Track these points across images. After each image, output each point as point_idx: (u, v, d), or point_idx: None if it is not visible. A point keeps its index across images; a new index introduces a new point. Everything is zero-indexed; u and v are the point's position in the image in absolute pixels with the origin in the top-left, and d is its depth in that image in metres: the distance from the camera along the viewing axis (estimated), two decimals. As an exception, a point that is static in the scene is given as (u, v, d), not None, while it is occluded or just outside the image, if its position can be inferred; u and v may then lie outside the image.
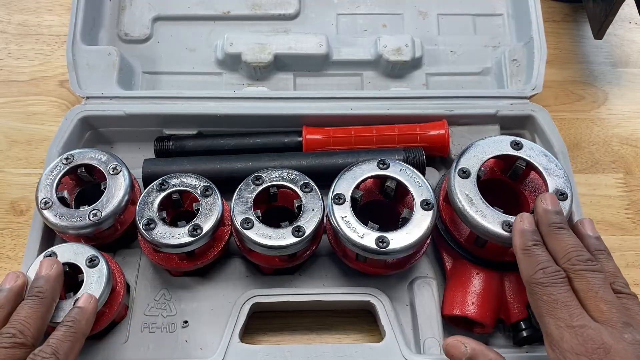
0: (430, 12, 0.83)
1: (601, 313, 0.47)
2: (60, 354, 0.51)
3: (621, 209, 0.76)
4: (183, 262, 0.61)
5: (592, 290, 0.49)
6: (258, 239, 0.58)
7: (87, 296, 0.56)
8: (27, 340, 0.51)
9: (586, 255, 0.52)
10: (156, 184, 0.62)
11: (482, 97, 0.74)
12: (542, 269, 0.51)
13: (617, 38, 0.90)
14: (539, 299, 0.50)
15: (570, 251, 0.52)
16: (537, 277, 0.51)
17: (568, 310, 0.48)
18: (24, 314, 0.53)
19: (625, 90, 0.86)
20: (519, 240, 0.54)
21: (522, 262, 0.53)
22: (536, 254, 0.52)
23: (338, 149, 0.71)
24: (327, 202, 0.60)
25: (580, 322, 0.47)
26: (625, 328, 0.46)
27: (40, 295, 0.54)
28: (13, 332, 0.51)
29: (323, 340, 0.65)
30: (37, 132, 0.80)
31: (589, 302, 0.48)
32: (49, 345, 0.51)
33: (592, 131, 0.82)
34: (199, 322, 0.62)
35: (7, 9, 0.89)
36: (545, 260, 0.52)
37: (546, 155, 0.61)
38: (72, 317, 0.54)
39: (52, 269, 0.56)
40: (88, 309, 0.55)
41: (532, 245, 0.53)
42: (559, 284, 0.49)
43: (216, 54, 0.80)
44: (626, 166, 0.79)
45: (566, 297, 0.49)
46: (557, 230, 0.54)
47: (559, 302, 0.48)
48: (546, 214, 0.55)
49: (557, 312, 0.48)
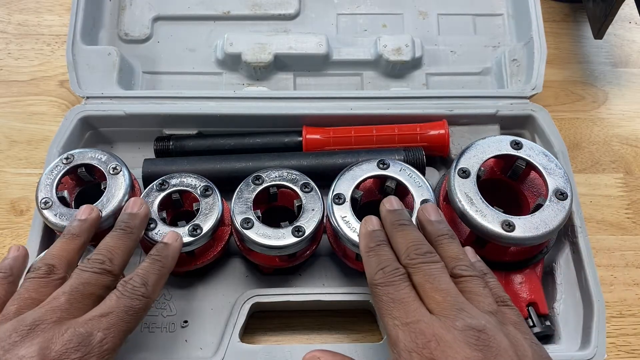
0: (430, 12, 0.83)
1: (436, 304, 0.46)
2: (149, 285, 0.51)
3: (621, 209, 0.76)
4: (183, 262, 0.61)
5: (427, 281, 0.48)
6: (258, 238, 0.58)
7: (173, 234, 0.57)
8: (114, 269, 0.52)
9: (425, 247, 0.51)
10: (156, 184, 0.62)
11: (482, 97, 0.74)
12: (381, 268, 0.50)
13: (617, 38, 0.90)
14: (380, 300, 0.49)
15: (410, 245, 0.51)
16: (377, 278, 0.50)
17: (404, 307, 0.46)
18: (112, 244, 0.53)
19: (625, 90, 0.86)
20: (364, 242, 0.54)
21: (365, 265, 0.52)
22: (378, 254, 0.52)
23: (338, 149, 0.71)
24: (327, 202, 0.60)
25: (414, 318, 0.45)
26: (458, 314, 0.45)
27: (129, 230, 0.55)
28: (102, 259, 0.51)
29: (323, 340, 0.65)
30: (37, 132, 0.80)
31: (426, 295, 0.47)
32: (139, 275, 0.52)
33: (592, 131, 0.82)
34: (199, 322, 0.62)
35: (7, 8, 0.89)
36: (386, 259, 0.51)
37: (546, 155, 0.61)
38: (159, 251, 0.55)
39: (141, 209, 0.57)
40: (174, 245, 0.56)
41: (374, 245, 0.53)
42: (397, 282, 0.48)
43: (216, 54, 0.80)
44: (626, 166, 0.79)
45: (404, 294, 0.47)
46: (400, 227, 0.53)
47: (396, 300, 0.47)
48: (390, 214, 0.55)
49: (394, 311, 0.47)
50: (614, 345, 0.67)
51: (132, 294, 0.50)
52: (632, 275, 0.71)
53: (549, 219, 0.57)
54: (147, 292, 0.51)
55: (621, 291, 0.70)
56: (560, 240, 0.66)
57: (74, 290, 0.49)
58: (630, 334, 0.68)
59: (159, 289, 0.53)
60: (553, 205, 0.58)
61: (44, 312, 0.47)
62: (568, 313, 0.63)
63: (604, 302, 0.61)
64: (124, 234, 0.55)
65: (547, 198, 0.59)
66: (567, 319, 0.62)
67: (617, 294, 0.70)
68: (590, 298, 0.61)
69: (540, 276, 0.63)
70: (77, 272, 0.51)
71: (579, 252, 0.64)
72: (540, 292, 0.62)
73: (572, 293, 0.64)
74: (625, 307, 0.69)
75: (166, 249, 0.55)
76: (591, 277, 0.62)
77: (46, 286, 0.50)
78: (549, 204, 0.58)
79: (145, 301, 0.51)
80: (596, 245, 0.73)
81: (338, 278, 0.65)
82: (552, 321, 0.62)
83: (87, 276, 0.50)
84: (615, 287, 0.70)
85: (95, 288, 0.50)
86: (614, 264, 0.72)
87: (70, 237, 0.54)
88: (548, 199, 0.59)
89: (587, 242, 0.64)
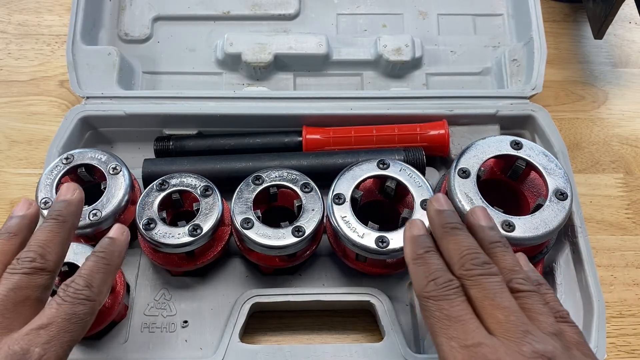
0: (430, 12, 0.83)
1: (499, 324, 0.42)
2: (94, 286, 0.46)
3: (621, 209, 0.76)
4: (183, 262, 0.61)
5: (487, 297, 0.43)
6: (258, 239, 0.58)
7: (118, 226, 0.51)
8: (48, 265, 0.46)
9: (482, 257, 0.46)
10: (156, 184, 0.62)
11: (482, 97, 0.74)
12: (433, 279, 0.45)
13: (617, 38, 0.90)
14: (432, 316, 0.44)
15: (465, 254, 0.46)
16: (429, 290, 0.45)
17: (462, 327, 0.42)
18: (43, 237, 0.47)
19: (625, 90, 0.86)
20: (409, 248, 0.49)
21: (413, 274, 0.47)
22: (427, 262, 0.47)
23: (338, 149, 0.71)
24: (327, 202, 0.60)
25: (475, 340, 0.41)
26: (524, 338, 0.41)
27: (61, 219, 0.49)
28: (32, 257, 0.45)
29: (323, 340, 0.65)
30: (37, 132, 0.80)
31: (486, 312, 0.43)
32: (81, 276, 0.46)
33: (592, 131, 0.82)
34: (199, 322, 0.62)
35: (7, 9, 0.89)
36: (438, 269, 0.46)
37: (546, 155, 0.61)
38: (104, 247, 0.49)
39: (74, 194, 0.51)
40: (120, 239, 0.50)
41: (423, 252, 0.48)
42: (452, 295, 0.44)
43: (216, 54, 0.80)
44: (626, 166, 0.79)
45: (460, 310, 0.43)
46: (452, 231, 0.48)
47: (451, 317, 0.43)
48: (439, 215, 0.50)
49: (450, 330, 0.42)
50: (614, 346, 0.67)
51: (74, 299, 0.44)
52: (632, 275, 0.71)
53: (549, 219, 0.57)
54: (92, 295, 0.45)
55: (621, 291, 0.70)
56: (560, 240, 0.66)
57: (3, 298, 0.43)
58: (630, 334, 0.68)
59: (107, 289, 0.48)
60: (553, 205, 0.58)
61: None
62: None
63: (604, 302, 0.61)
64: (56, 224, 0.48)
65: (547, 198, 0.59)
66: (567, 319, 0.62)
67: (617, 294, 0.70)
68: (590, 298, 0.61)
69: (540, 276, 0.63)
70: (6, 277, 0.44)
71: (579, 252, 0.64)
72: (540, 292, 0.62)
73: (572, 293, 0.64)
74: (625, 307, 0.69)
75: (112, 244, 0.50)
76: (591, 277, 0.62)
77: None
78: (549, 204, 0.58)
79: (91, 305, 0.45)
80: (596, 245, 0.73)
81: (338, 278, 0.65)
82: (552, 321, 0.62)
83: (17, 279, 0.44)
84: (615, 287, 0.70)
85: (29, 291, 0.44)
86: (614, 264, 0.72)
87: (7, 238, 0.48)
88: (548, 199, 0.59)
89: (587, 242, 0.64)
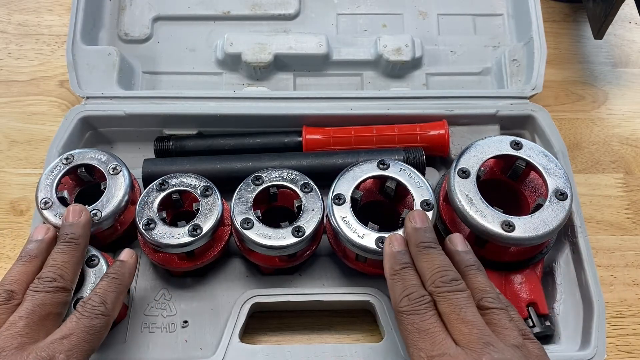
0: (430, 12, 0.83)
1: (463, 336, 0.46)
2: (108, 303, 0.52)
3: (621, 209, 0.76)
4: (183, 262, 0.61)
5: (454, 312, 0.47)
6: (258, 239, 0.58)
7: (128, 251, 0.57)
8: (67, 285, 0.52)
9: (451, 274, 0.50)
10: (156, 184, 0.62)
11: (482, 97, 0.74)
12: (407, 295, 0.49)
13: (617, 38, 0.90)
14: (405, 329, 0.48)
15: (435, 272, 0.50)
16: (402, 305, 0.49)
17: (431, 338, 0.46)
18: (60, 259, 0.53)
19: (625, 90, 0.86)
20: (388, 264, 0.53)
21: (390, 288, 0.52)
22: (403, 278, 0.51)
23: (338, 149, 0.71)
24: (327, 203, 0.60)
25: (440, 351, 0.45)
26: (484, 349, 0.45)
27: (74, 242, 0.55)
28: (53, 277, 0.52)
29: (323, 340, 0.65)
30: (37, 132, 0.80)
31: (452, 325, 0.47)
32: (97, 294, 0.52)
33: (592, 131, 0.82)
34: (199, 322, 0.62)
35: (7, 9, 0.89)
36: (412, 285, 0.50)
37: (546, 155, 0.61)
38: (116, 269, 0.55)
39: (82, 216, 0.57)
40: (130, 262, 0.56)
41: (400, 269, 0.52)
42: (422, 310, 0.48)
43: (216, 54, 0.80)
44: (626, 166, 0.79)
45: (430, 324, 0.47)
46: (425, 250, 0.53)
47: (421, 330, 0.47)
48: (415, 233, 0.54)
49: (419, 342, 0.47)
50: (614, 346, 0.67)
51: (91, 314, 0.51)
52: (632, 275, 0.71)
53: (548, 219, 0.57)
54: (106, 311, 0.52)
55: (621, 291, 0.70)
56: (560, 240, 0.66)
57: (30, 313, 0.50)
58: (630, 334, 0.68)
59: (118, 306, 0.54)
60: (553, 205, 0.58)
61: (4, 339, 0.47)
62: (568, 313, 0.63)
63: (604, 302, 0.61)
64: (70, 246, 0.55)
65: (547, 198, 0.59)
66: (567, 319, 0.62)
67: (617, 294, 0.70)
68: (590, 298, 0.61)
69: (540, 276, 0.63)
70: (31, 294, 0.51)
71: (579, 252, 0.64)
72: (540, 292, 0.62)
73: (572, 293, 0.64)
74: (625, 307, 0.69)
75: (123, 266, 0.56)
76: (591, 277, 0.62)
77: (5, 313, 0.50)
78: (549, 204, 0.58)
79: (106, 319, 0.51)
80: (596, 245, 0.73)
81: (338, 278, 0.65)
82: (552, 321, 0.62)
83: (42, 297, 0.51)
84: (615, 287, 0.70)
85: (52, 307, 0.51)
86: (613, 264, 0.72)
87: (28, 260, 0.54)
88: (548, 199, 0.59)
89: (587, 242, 0.64)
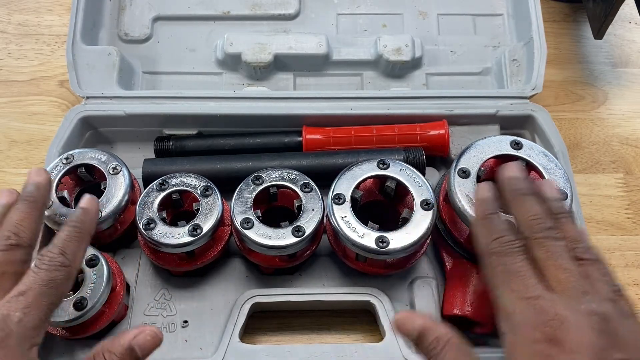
0: (431, 12, 0.83)
1: (559, 282, 0.45)
2: (68, 253, 0.49)
3: (621, 209, 0.76)
4: (183, 262, 0.61)
5: (551, 258, 0.46)
6: (258, 238, 0.58)
7: (89, 197, 0.54)
8: (23, 242, 0.50)
9: (549, 223, 0.49)
10: (156, 184, 0.62)
11: (482, 97, 0.74)
12: (497, 237, 0.48)
13: (617, 38, 0.90)
14: (494, 270, 0.48)
15: (533, 218, 0.49)
16: (493, 246, 0.48)
17: (523, 281, 0.45)
18: (16, 217, 0.51)
19: (625, 90, 0.86)
20: (479, 208, 0.52)
21: (479, 231, 0.51)
22: (494, 222, 0.50)
23: (338, 149, 0.71)
24: (327, 202, 0.60)
25: (535, 293, 0.44)
26: (583, 297, 0.43)
27: (31, 199, 0.53)
28: (7, 235, 0.50)
29: (323, 340, 0.65)
30: (37, 132, 0.80)
31: (548, 272, 0.46)
32: (55, 245, 0.50)
33: (592, 131, 0.82)
34: (199, 322, 0.62)
35: (7, 8, 0.89)
36: (503, 229, 0.49)
37: (546, 155, 0.61)
38: (76, 217, 0.53)
39: (42, 177, 0.55)
40: (91, 209, 0.54)
41: (490, 213, 0.51)
42: (515, 253, 0.47)
43: (216, 54, 0.80)
44: (626, 166, 0.79)
45: (521, 267, 0.46)
46: (522, 197, 0.51)
47: (513, 272, 0.46)
48: (510, 181, 0.53)
49: (511, 283, 0.46)
50: (614, 345, 0.67)
51: (49, 266, 0.48)
52: (632, 275, 0.71)
53: (549, 219, 0.57)
54: (66, 261, 0.49)
55: (621, 291, 0.70)
56: (560, 240, 0.66)
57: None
58: (630, 334, 0.67)
59: (81, 255, 0.51)
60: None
61: None
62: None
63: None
64: (28, 205, 0.53)
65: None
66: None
67: (617, 294, 0.70)
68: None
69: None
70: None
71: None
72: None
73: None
74: (625, 307, 0.69)
75: (84, 213, 0.53)
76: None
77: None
78: (549, 204, 0.58)
79: (66, 270, 0.49)
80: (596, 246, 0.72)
81: (338, 278, 0.65)
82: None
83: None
84: (615, 287, 0.70)
85: (7, 266, 0.48)
86: (614, 264, 0.72)
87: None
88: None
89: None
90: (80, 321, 0.56)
